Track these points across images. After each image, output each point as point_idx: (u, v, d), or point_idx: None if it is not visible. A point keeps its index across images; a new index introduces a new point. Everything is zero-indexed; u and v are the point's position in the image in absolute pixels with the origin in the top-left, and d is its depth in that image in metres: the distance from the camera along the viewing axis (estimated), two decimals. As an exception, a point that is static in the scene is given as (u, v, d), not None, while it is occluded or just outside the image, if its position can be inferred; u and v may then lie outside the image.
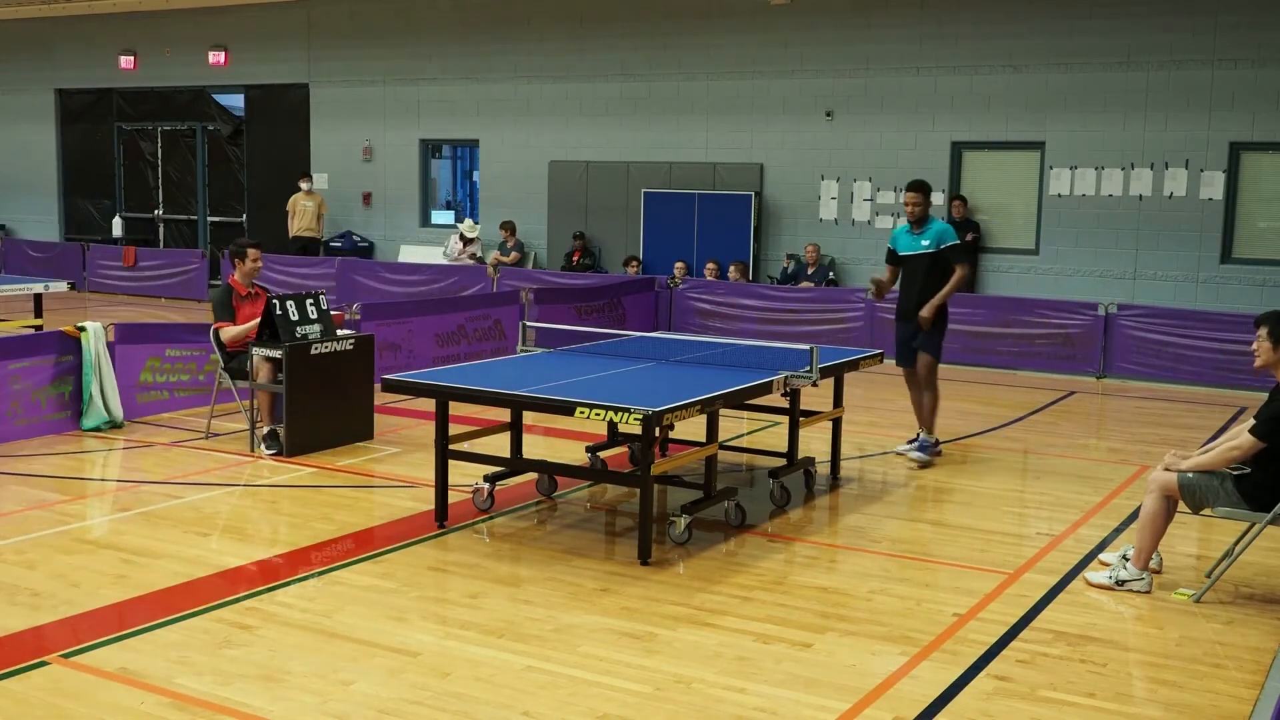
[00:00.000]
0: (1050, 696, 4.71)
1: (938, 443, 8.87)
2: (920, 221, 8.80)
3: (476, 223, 17.70)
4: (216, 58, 20.60)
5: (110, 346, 9.33)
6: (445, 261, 17.32)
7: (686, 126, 16.88)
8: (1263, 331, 5.80)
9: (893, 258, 9.00)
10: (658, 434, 6.93)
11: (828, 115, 15.95)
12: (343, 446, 8.73)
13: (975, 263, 15.18)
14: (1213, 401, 11.68)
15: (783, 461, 7.77)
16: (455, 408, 6.93)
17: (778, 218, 16.39)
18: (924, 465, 8.62)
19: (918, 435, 8.85)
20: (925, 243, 8.74)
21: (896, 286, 9.06)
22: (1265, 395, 5.87)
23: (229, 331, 8.82)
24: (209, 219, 21.66)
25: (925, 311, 8.64)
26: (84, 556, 6.20)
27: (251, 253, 9.08)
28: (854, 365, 8.11)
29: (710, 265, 16.03)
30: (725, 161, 16.57)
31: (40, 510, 7.05)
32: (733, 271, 15.79)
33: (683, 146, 16.90)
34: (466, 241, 17.36)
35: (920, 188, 8.81)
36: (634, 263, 16.56)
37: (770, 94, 16.29)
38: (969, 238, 15.03)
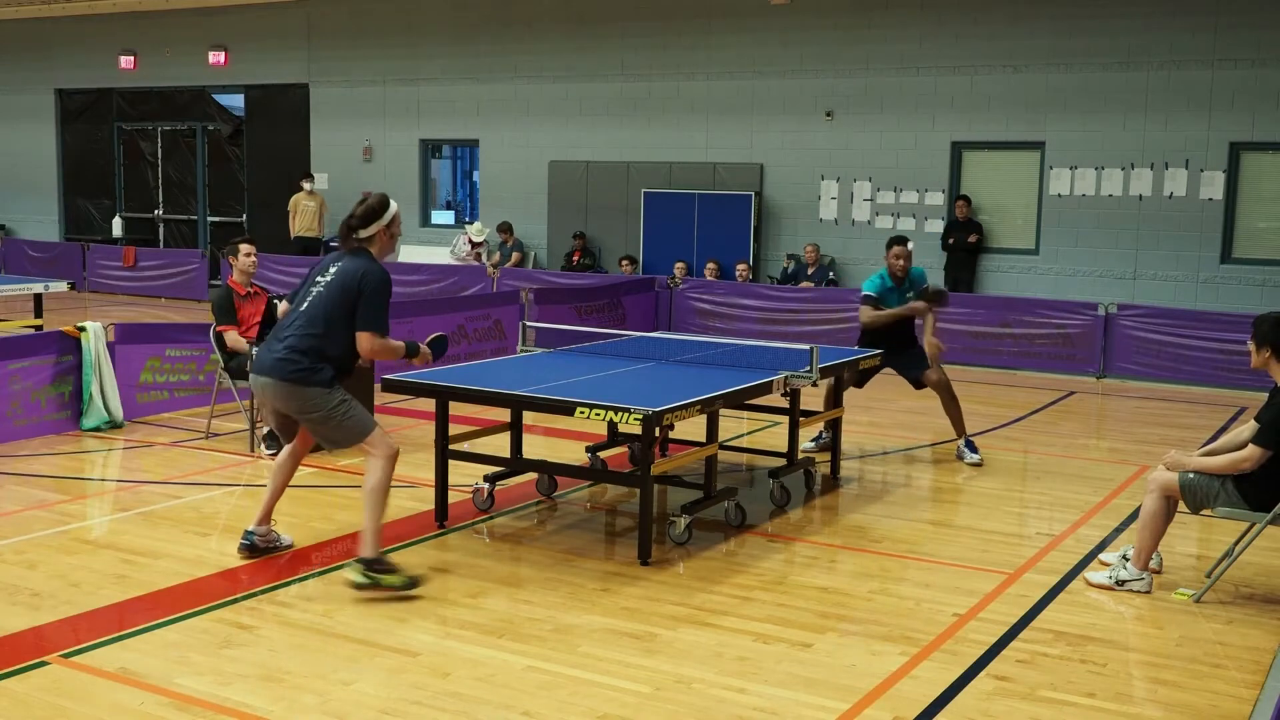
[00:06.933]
0: (1050, 696, 4.71)
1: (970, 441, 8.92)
2: (906, 275, 8.85)
3: (484, 226, 17.69)
4: (216, 58, 20.61)
5: (110, 346, 9.33)
6: (453, 261, 17.32)
7: (686, 126, 16.89)
8: (1252, 335, 5.83)
9: (876, 304, 8.96)
10: (658, 434, 6.93)
11: (828, 115, 15.95)
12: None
13: (975, 263, 15.22)
14: (1213, 401, 11.68)
15: (783, 461, 7.77)
16: (455, 408, 6.93)
17: (778, 218, 16.40)
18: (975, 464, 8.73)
19: (820, 433, 9.05)
20: (910, 295, 8.83)
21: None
22: (1265, 395, 5.88)
23: (233, 337, 8.79)
24: (209, 219, 21.67)
25: (938, 345, 8.84)
26: (84, 556, 6.19)
27: (244, 248, 8.97)
28: (854, 365, 8.11)
29: (710, 265, 16.04)
30: (725, 161, 16.57)
31: (40, 510, 7.05)
32: (741, 269, 15.77)
33: (683, 146, 16.90)
34: (474, 244, 17.37)
35: (906, 242, 8.85)
36: (626, 261, 16.54)
37: (770, 94, 16.29)
38: (972, 239, 15.05)
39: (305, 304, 5.79)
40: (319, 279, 5.81)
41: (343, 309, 5.67)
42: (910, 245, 8.91)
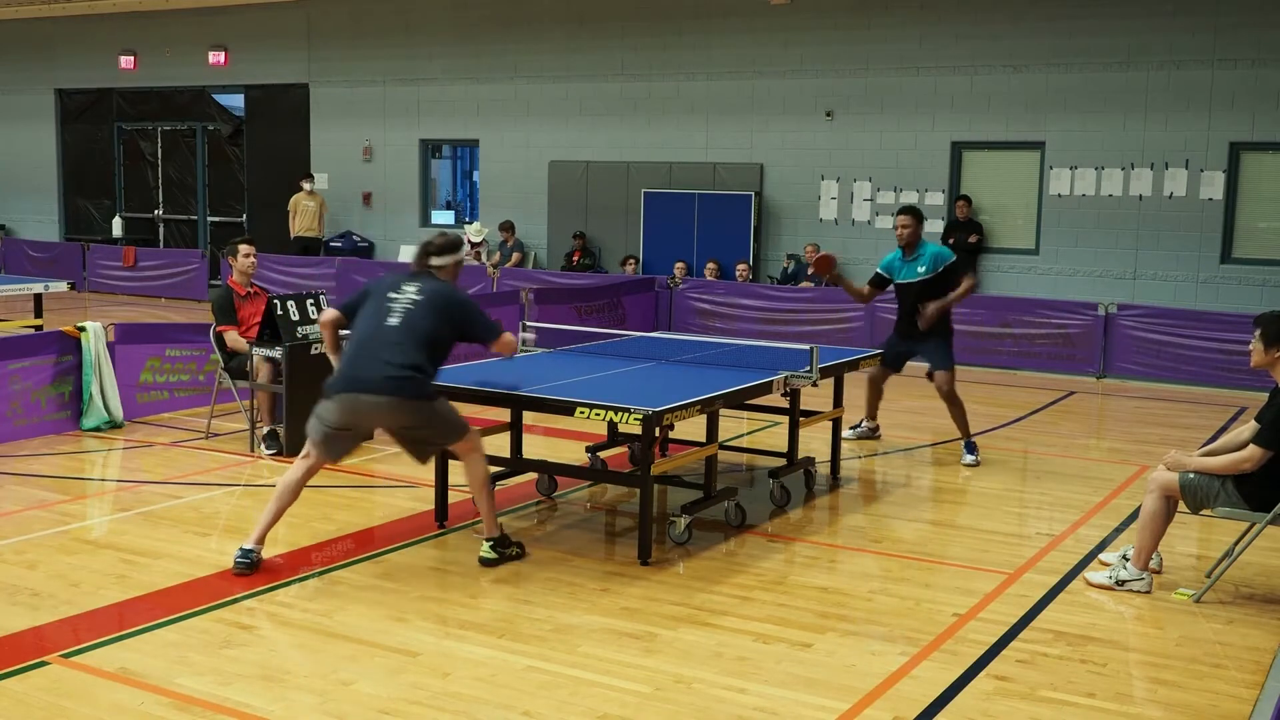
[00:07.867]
0: (1050, 696, 4.71)
1: (972, 444, 8.86)
2: (912, 246, 8.84)
3: (484, 226, 17.65)
4: (216, 58, 20.60)
5: (110, 346, 9.33)
6: None
7: (686, 126, 16.88)
8: (1257, 332, 5.82)
9: (879, 280, 9.02)
10: (658, 434, 6.93)
11: (828, 115, 15.95)
12: (343, 446, 8.71)
13: (975, 263, 15.21)
14: (1213, 401, 11.68)
15: (783, 461, 7.77)
16: (455, 407, 6.91)
17: (778, 218, 16.39)
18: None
19: (860, 422, 9.37)
20: (921, 269, 8.81)
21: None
22: (1265, 395, 5.87)
23: (233, 337, 8.79)
24: (209, 219, 21.67)
25: (931, 309, 8.68)
26: (84, 556, 6.19)
27: (243, 248, 8.99)
28: (854, 365, 8.11)
29: (710, 265, 16.04)
30: (725, 161, 16.57)
31: (40, 510, 7.05)
32: (741, 270, 15.77)
33: (683, 146, 16.90)
34: (473, 245, 17.34)
35: (913, 212, 8.88)
36: (630, 261, 16.56)
37: (770, 94, 16.29)
38: (972, 239, 15.04)
39: (396, 320, 5.90)
40: (395, 296, 5.99)
41: (441, 328, 5.96)
42: (911, 216, 8.82)
